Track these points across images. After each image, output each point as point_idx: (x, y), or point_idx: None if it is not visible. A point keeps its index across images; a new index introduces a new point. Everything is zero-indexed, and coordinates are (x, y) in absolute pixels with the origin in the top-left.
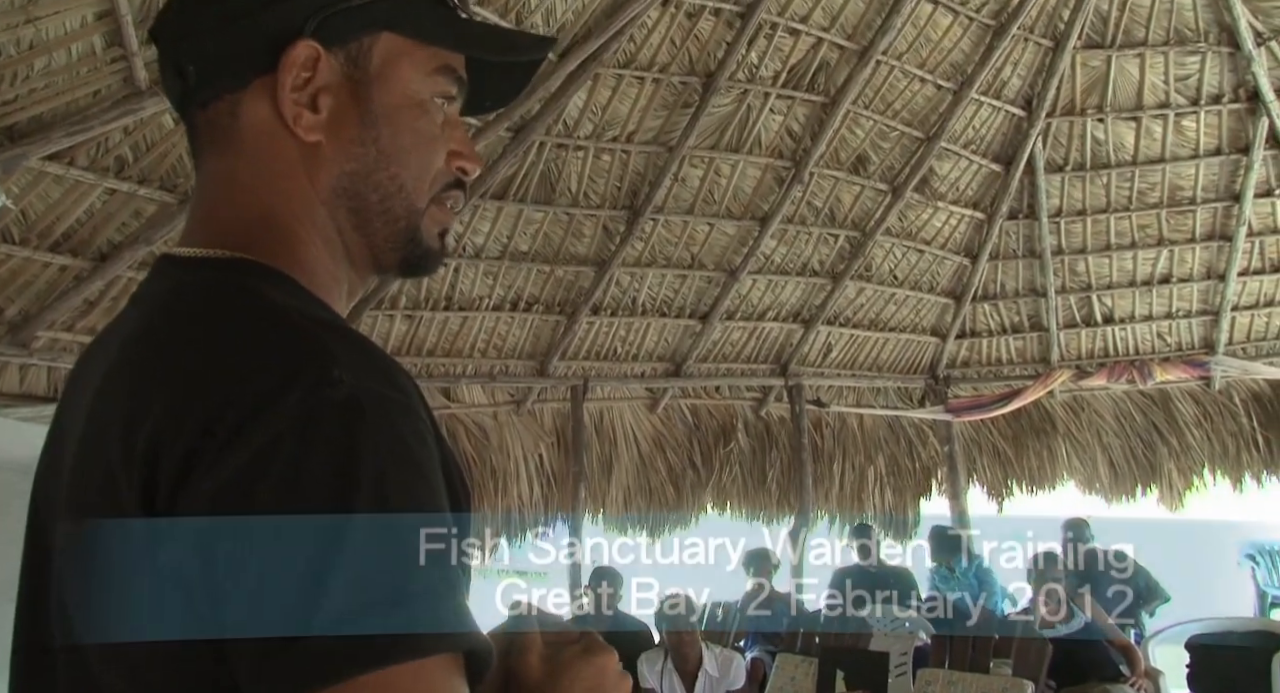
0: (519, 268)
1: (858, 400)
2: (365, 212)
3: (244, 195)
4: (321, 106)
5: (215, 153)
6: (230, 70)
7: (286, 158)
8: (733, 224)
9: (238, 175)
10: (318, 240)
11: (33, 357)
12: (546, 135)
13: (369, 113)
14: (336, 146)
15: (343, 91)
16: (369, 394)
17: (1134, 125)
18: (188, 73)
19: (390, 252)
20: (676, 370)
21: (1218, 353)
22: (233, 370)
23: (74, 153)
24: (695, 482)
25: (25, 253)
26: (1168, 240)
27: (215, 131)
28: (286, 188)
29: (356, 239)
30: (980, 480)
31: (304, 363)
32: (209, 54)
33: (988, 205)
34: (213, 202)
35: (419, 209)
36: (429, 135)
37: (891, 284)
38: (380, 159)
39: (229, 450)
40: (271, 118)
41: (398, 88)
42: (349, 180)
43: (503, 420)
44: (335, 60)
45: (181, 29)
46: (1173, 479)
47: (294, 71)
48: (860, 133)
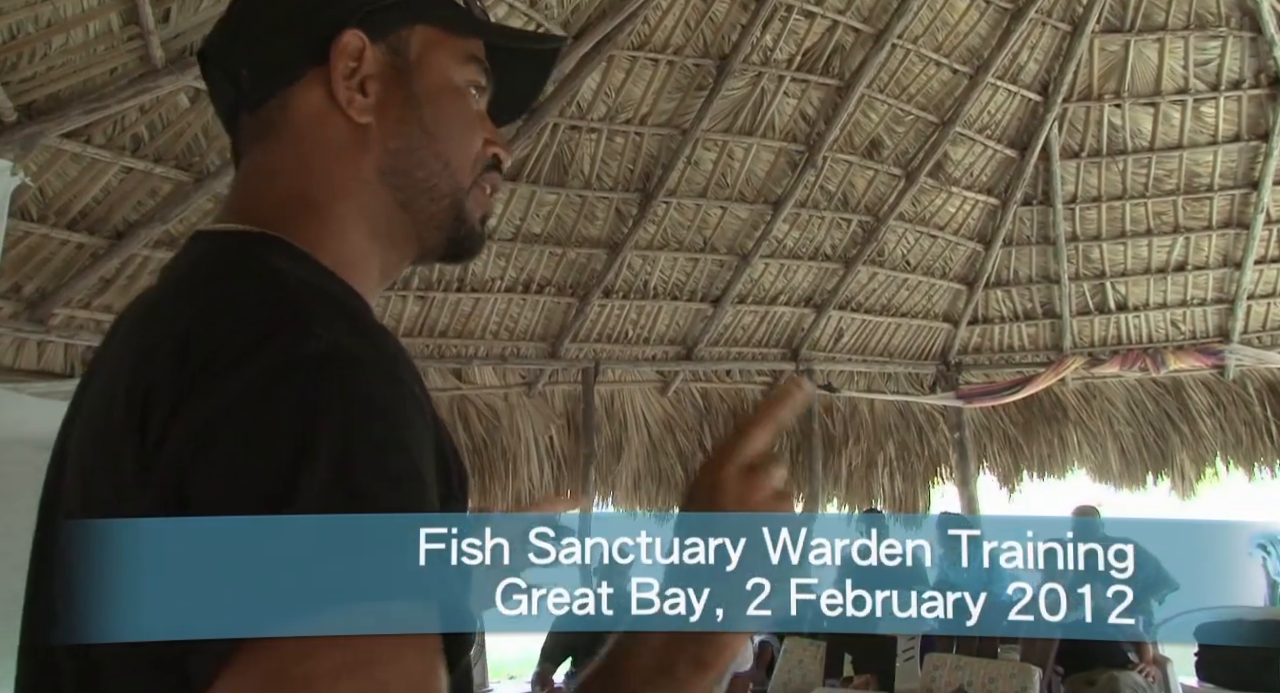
0: (531, 250)
1: (869, 386)
2: (411, 188)
3: (285, 179)
4: (370, 91)
5: (262, 147)
6: (285, 68)
7: (337, 139)
8: (745, 208)
9: (282, 163)
10: (357, 218)
11: (50, 334)
12: (560, 117)
13: (412, 96)
14: (384, 127)
15: (387, 78)
16: (344, 351)
17: (1152, 111)
18: (241, 77)
19: (436, 230)
20: (688, 354)
21: (1233, 341)
22: (222, 325)
23: (91, 131)
24: None
25: (43, 230)
26: (1184, 228)
27: (264, 128)
28: (332, 168)
29: (403, 217)
30: (991, 467)
31: (286, 321)
32: (264, 56)
33: (1002, 191)
34: (250, 185)
35: (463, 187)
36: (468, 118)
37: (904, 270)
38: (425, 138)
39: (205, 398)
40: (324, 104)
41: (436, 74)
42: (395, 158)
43: (514, 402)
44: (379, 50)
45: (235, 37)
46: (1184, 468)
47: (344, 60)
48: (875, 117)
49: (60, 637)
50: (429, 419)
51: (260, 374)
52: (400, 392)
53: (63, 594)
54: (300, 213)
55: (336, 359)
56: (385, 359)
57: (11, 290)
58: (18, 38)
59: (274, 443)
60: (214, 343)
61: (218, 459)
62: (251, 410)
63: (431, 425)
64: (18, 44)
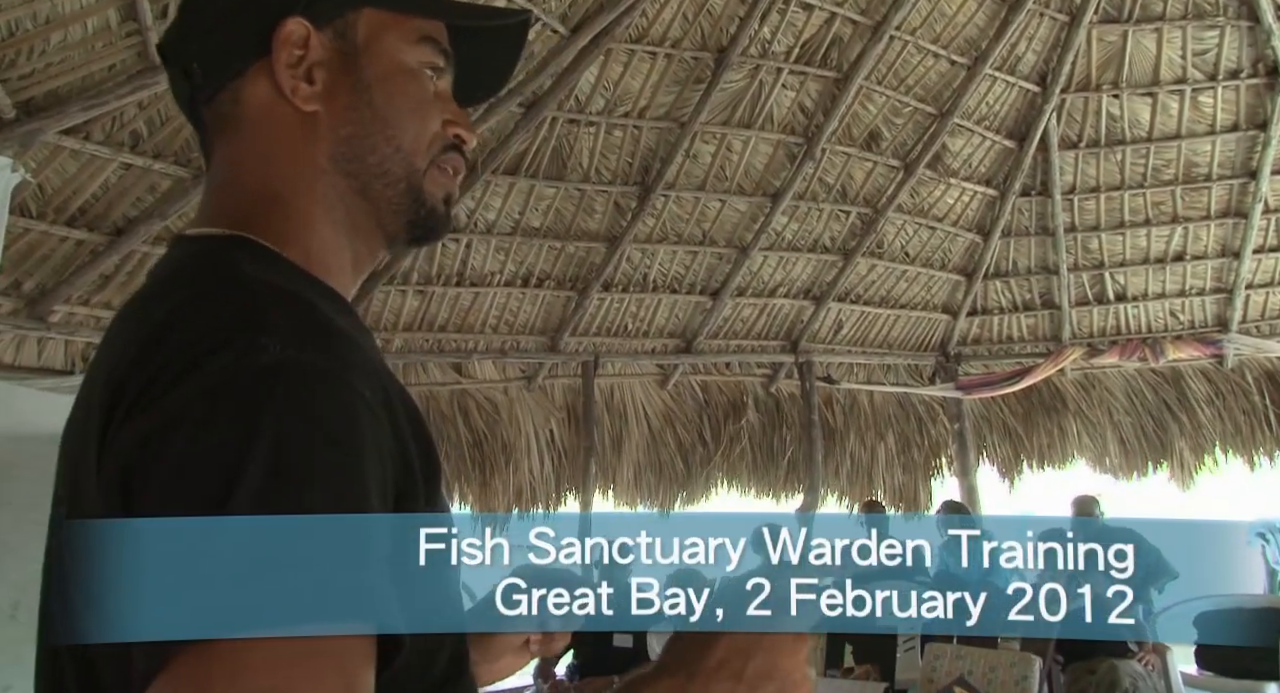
0: (530, 244)
1: (868, 378)
2: (365, 174)
3: (246, 175)
4: (316, 79)
5: (222, 141)
6: (231, 59)
7: (287, 131)
8: (744, 200)
9: (242, 158)
10: (318, 212)
11: (50, 331)
12: (558, 111)
13: (360, 81)
14: (333, 114)
15: (334, 64)
16: (290, 364)
17: (1150, 101)
18: (193, 71)
19: (395, 215)
20: (687, 347)
21: (1231, 331)
22: (180, 333)
23: (90, 127)
24: (705, 458)
25: (42, 227)
26: (1182, 218)
27: (221, 121)
28: (287, 161)
29: (360, 204)
30: (990, 458)
31: (238, 331)
32: (211, 49)
33: (1000, 182)
34: (219, 185)
35: (418, 168)
36: (420, 99)
37: (903, 261)
38: (375, 122)
39: (155, 403)
40: (271, 95)
41: (385, 57)
42: (346, 145)
43: (514, 396)
44: (324, 37)
45: (184, 32)
46: (1184, 458)
47: (288, 49)
48: (873, 109)
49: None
50: (391, 423)
51: (205, 385)
52: (347, 403)
53: (56, 593)
54: (265, 209)
55: (281, 372)
56: (336, 370)
57: (11, 287)
58: (16, 34)
59: (211, 455)
60: (170, 350)
61: (159, 466)
62: (193, 421)
63: (390, 430)
64: (16, 41)
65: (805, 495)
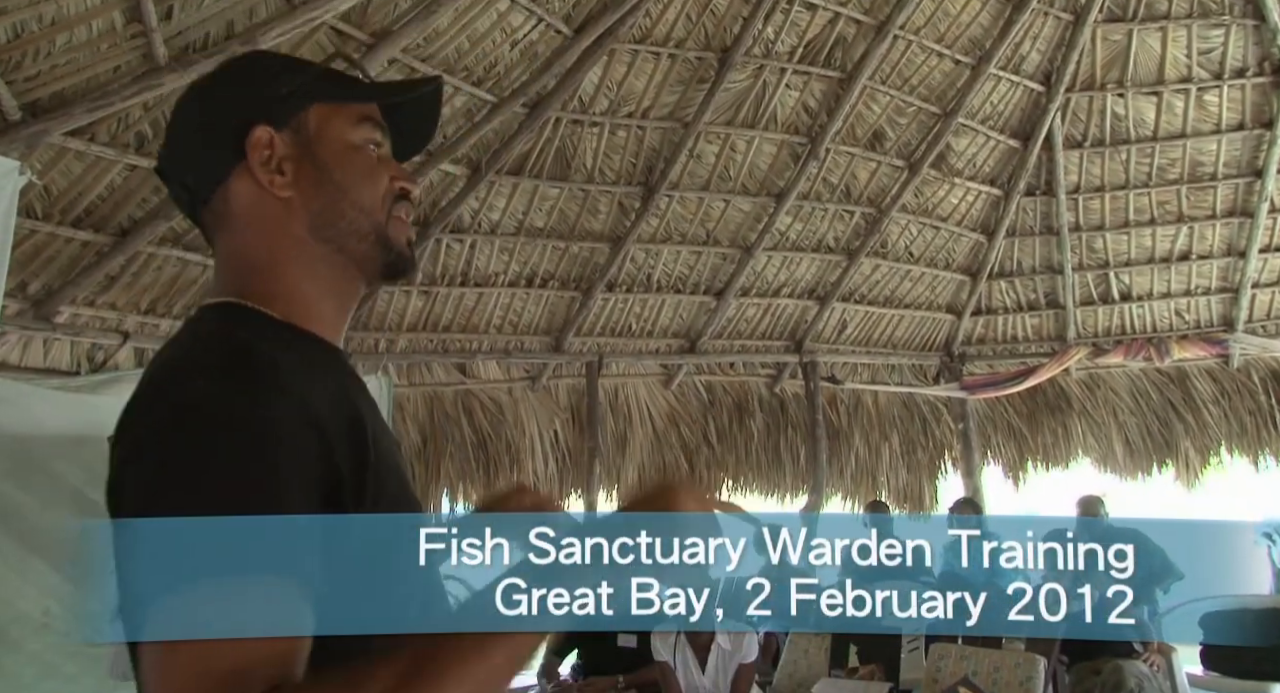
0: (534, 244)
1: (872, 378)
2: (339, 237)
3: (241, 255)
4: (286, 170)
5: (222, 234)
6: (217, 169)
7: (270, 215)
8: (748, 200)
9: (236, 243)
10: (300, 275)
11: (56, 332)
12: (562, 111)
13: (320, 164)
14: (304, 194)
15: (297, 155)
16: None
17: (1155, 100)
18: (189, 183)
19: (370, 261)
20: (691, 347)
21: (1237, 330)
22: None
23: (95, 129)
24: (710, 458)
25: (48, 228)
26: (1187, 217)
27: (217, 218)
28: (272, 238)
29: (339, 260)
30: (995, 458)
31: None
32: (199, 163)
33: (1005, 182)
34: (221, 266)
35: (381, 222)
36: (368, 167)
37: (907, 261)
38: (338, 193)
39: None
40: (253, 189)
41: (334, 140)
42: (319, 217)
43: (518, 396)
44: (284, 135)
45: (173, 152)
46: (1189, 458)
47: (259, 151)
48: (877, 109)
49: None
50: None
51: (154, 414)
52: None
53: None
54: (256, 279)
55: (199, 402)
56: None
57: (17, 288)
58: (21, 36)
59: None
60: (143, 396)
61: (128, 474)
62: (146, 441)
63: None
64: (21, 43)
65: (809, 496)
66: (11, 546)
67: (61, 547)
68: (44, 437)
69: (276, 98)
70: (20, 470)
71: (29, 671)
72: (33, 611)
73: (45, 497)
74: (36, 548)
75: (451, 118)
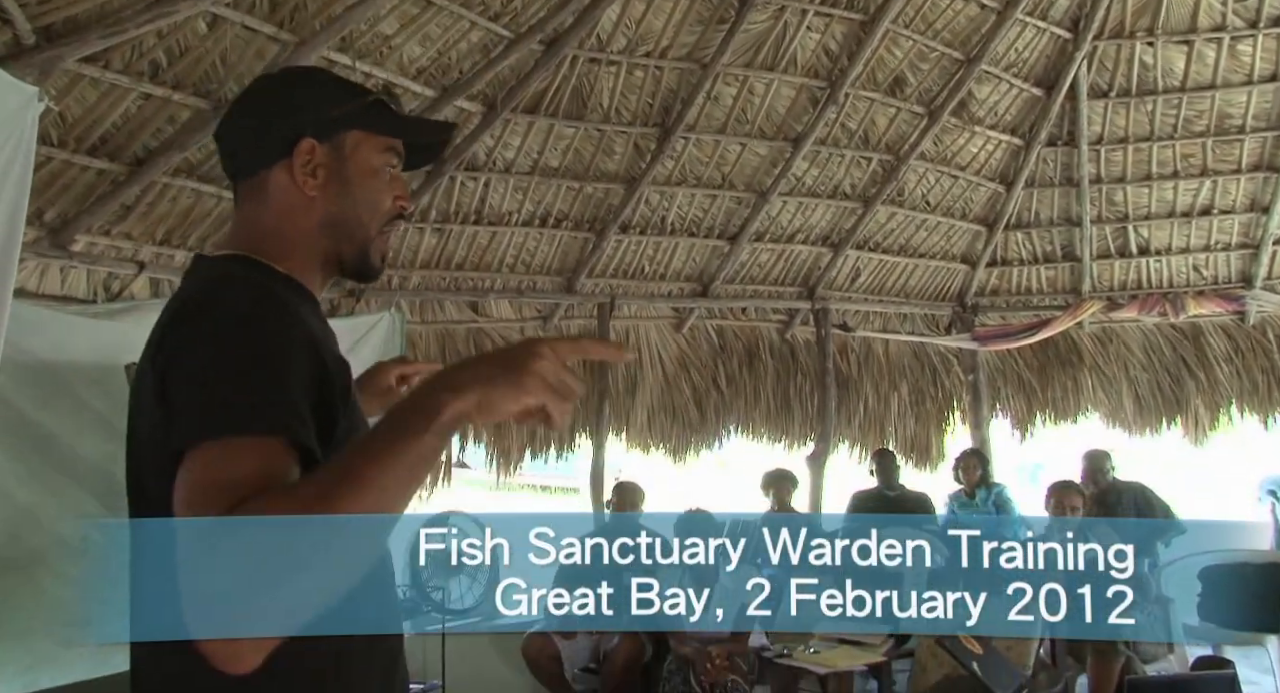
0: (549, 184)
1: (884, 327)
2: (339, 238)
3: (262, 224)
4: (319, 176)
5: (250, 204)
6: (266, 157)
7: (298, 204)
8: (765, 145)
9: (260, 215)
10: (304, 252)
11: (72, 261)
12: (579, 49)
13: (346, 179)
14: (326, 199)
15: (330, 167)
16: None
17: (1185, 49)
18: (238, 156)
19: (350, 261)
20: (704, 291)
21: (1255, 288)
22: (189, 303)
23: (109, 56)
24: (719, 403)
25: (64, 156)
26: (1212, 171)
27: (251, 191)
28: (292, 222)
29: (332, 252)
30: (1004, 410)
31: (217, 300)
32: (254, 149)
33: (1026, 131)
34: (245, 227)
35: (371, 237)
36: (380, 191)
37: (923, 210)
38: (352, 206)
39: (175, 335)
40: (289, 181)
41: (362, 162)
42: (332, 218)
43: (529, 336)
44: (325, 148)
45: (233, 130)
46: (1198, 414)
47: (302, 157)
48: (899, 53)
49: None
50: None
51: (202, 322)
52: (273, 332)
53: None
54: (266, 244)
55: (237, 314)
56: (269, 316)
57: (34, 216)
58: None
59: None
60: (188, 306)
61: (179, 368)
62: (196, 340)
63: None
64: None
65: (817, 443)
66: (49, 471)
67: (95, 474)
68: (69, 363)
69: (327, 119)
70: (49, 397)
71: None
72: (72, 536)
73: (76, 424)
74: (72, 475)
75: (468, 53)
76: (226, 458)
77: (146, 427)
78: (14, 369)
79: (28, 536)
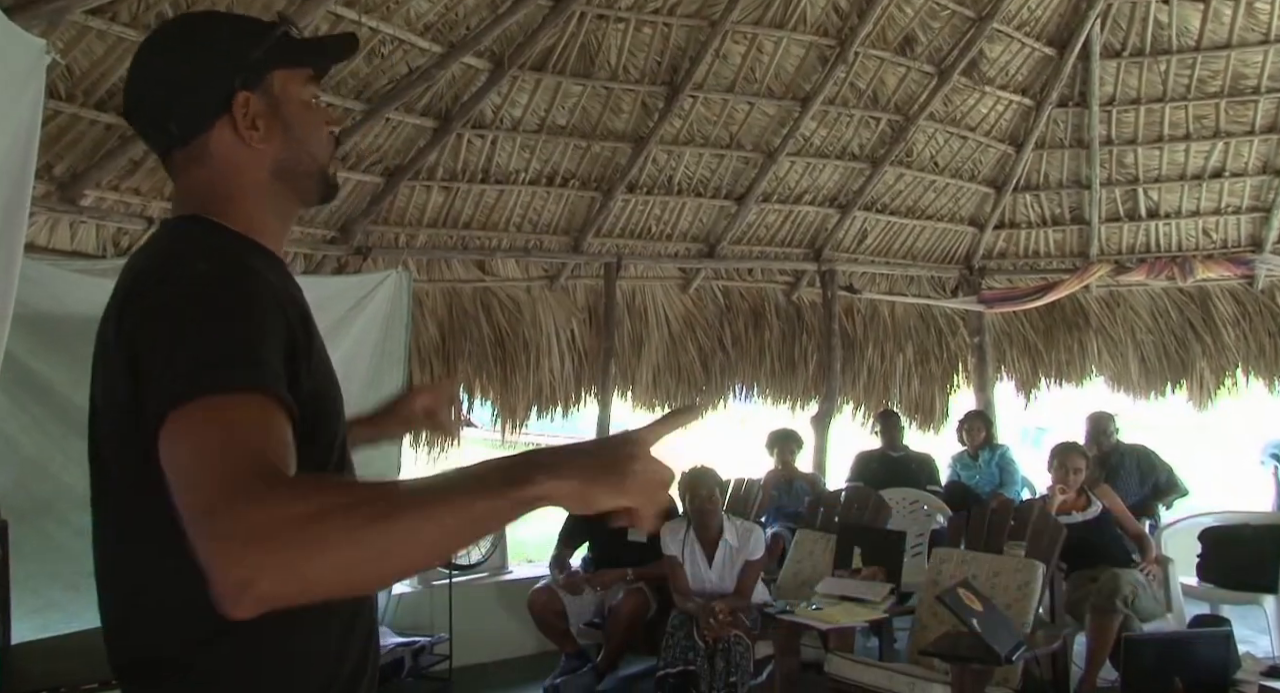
0: (556, 142)
1: (890, 288)
2: (295, 178)
3: (213, 185)
4: (259, 126)
5: (195, 168)
6: (201, 120)
7: (245, 159)
8: (773, 104)
9: (209, 177)
10: (258, 203)
11: (82, 215)
12: (587, 5)
13: (286, 123)
14: (272, 145)
15: (267, 113)
16: (208, 273)
17: (1201, 6)
18: (170, 129)
19: (311, 192)
20: (710, 251)
21: (1264, 251)
22: (154, 265)
23: (116, 8)
24: (725, 363)
25: (72, 109)
26: (1224, 133)
27: (192, 158)
28: (242, 177)
29: (289, 193)
30: (1009, 373)
31: (184, 261)
32: (185, 115)
33: (1037, 91)
34: (191, 191)
35: (324, 164)
36: (316, 120)
37: (932, 171)
38: (297, 145)
39: (143, 299)
40: (232, 138)
41: (293, 99)
42: (283, 164)
43: (536, 295)
44: (257, 96)
45: (152, 104)
46: (1204, 378)
47: (241, 112)
48: (910, 11)
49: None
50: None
51: (168, 288)
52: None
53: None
54: (220, 204)
55: (203, 277)
56: (235, 277)
57: (44, 169)
58: None
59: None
60: (150, 273)
61: (150, 329)
62: (164, 305)
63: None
64: None
65: (822, 404)
66: (52, 422)
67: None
68: (66, 316)
69: (249, 64)
70: (48, 349)
71: (78, 543)
72: (77, 485)
73: (75, 376)
74: (74, 426)
75: (475, 8)
76: (222, 419)
77: (109, 400)
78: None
79: (35, 485)
